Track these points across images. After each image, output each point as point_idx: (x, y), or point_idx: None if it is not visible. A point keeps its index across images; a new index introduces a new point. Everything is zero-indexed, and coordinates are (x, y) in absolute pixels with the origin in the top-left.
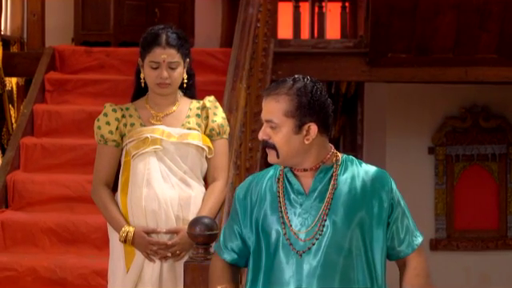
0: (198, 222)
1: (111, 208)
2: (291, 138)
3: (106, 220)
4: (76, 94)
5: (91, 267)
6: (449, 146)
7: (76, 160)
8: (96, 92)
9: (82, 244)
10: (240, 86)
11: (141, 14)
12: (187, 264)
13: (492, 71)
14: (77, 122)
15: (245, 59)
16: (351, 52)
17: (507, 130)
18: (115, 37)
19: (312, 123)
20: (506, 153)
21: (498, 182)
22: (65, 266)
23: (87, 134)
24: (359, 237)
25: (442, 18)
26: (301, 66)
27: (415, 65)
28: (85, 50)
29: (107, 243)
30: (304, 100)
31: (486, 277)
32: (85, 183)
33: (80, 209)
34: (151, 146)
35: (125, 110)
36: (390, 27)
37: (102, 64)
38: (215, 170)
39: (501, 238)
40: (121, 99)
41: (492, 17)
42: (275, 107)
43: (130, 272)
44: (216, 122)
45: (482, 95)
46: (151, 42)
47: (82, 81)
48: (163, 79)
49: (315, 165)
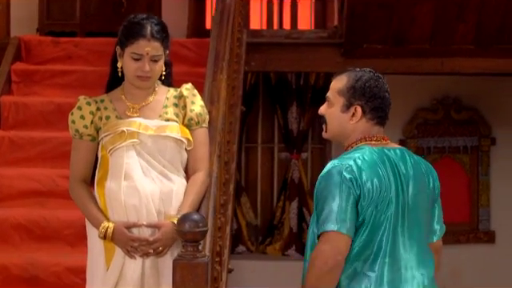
0: (188, 219)
1: (89, 205)
2: (339, 116)
3: (85, 217)
4: (44, 85)
5: (64, 264)
6: (420, 138)
7: (45, 153)
8: (64, 83)
9: (54, 240)
10: (221, 77)
11: (107, 4)
12: (176, 262)
13: (468, 62)
14: (45, 113)
15: (224, 50)
16: (325, 43)
17: (479, 123)
18: (81, 27)
19: (358, 106)
20: (478, 145)
21: (469, 174)
22: (37, 264)
23: (56, 126)
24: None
25: (420, 8)
26: (274, 57)
27: (391, 56)
28: (52, 40)
29: (80, 239)
30: (358, 85)
31: (457, 270)
32: (55, 177)
33: (51, 204)
34: (128, 139)
35: (99, 102)
36: (366, 17)
37: (70, 55)
38: (195, 161)
39: (472, 231)
40: (90, 90)
41: (470, 7)
42: (334, 85)
43: (110, 270)
44: (194, 111)
45: (454, 87)
46: (135, 32)
47: (49, 72)
48: (145, 72)
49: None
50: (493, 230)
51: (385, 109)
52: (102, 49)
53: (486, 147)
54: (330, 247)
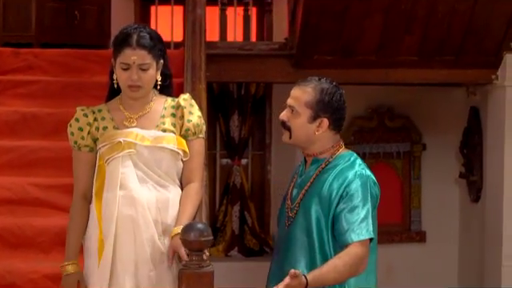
0: (192, 228)
1: (72, 234)
2: (305, 126)
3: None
4: (6, 95)
5: (41, 272)
6: (356, 144)
7: (13, 162)
8: (27, 93)
9: (28, 248)
10: (200, 87)
11: (61, 16)
12: (182, 272)
13: (411, 73)
14: (11, 123)
15: (200, 60)
16: (278, 54)
17: (411, 130)
18: (37, 38)
19: (325, 118)
20: (410, 151)
21: (402, 178)
22: (14, 271)
23: (22, 135)
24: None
25: (370, 20)
26: (229, 68)
27: (339, 67)
28: (12, 51)
29: (54, 246)
30: (325, 98)
31: (390, 267)
32: (26, 185)
33: (22, 212)
34: (125, 150)
35: (97, 112)
36: (318, 29)
37: (30, 65)
38: (191, 172)
39: (404, 231)
40: (52, 100)
41: (417, 21)
42: (300, 96)
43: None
44: (192, 121)
45: (388, 96)
46: (121, 42)
47: (11, 82)
48: (133, 81)
49: (314, 153)
50: (424, 231)
51: (344, 118)
52: (61, 59)
53: (418, 152)
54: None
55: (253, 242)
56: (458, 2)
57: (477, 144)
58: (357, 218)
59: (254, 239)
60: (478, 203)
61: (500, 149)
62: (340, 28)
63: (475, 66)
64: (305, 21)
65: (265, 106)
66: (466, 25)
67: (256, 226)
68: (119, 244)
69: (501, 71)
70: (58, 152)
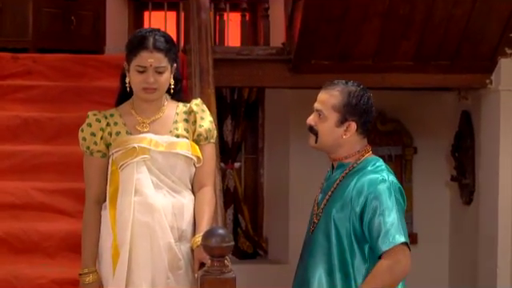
0: (214, 234)
1: (89, 240)
2: (333, 130)
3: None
4: (6, 100)
5: (49, 277)
6: None
7: (15, 167)
8: (27, 98)
9: (33, 253)
10: (209, 92)
11: (58, 22)
12: (204, 278)
13: (407, 77)
14: (12, 128)
15: (208, 64)
16: (275, 59)
17: (402, 133)
18: (33, 44)
19: (353, 122)
20: (401, 154)
21: None
22: (21, 277)
23: (24, 140)
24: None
25: (368, 25)
26: (226, 73)
27: (336, 71)
28: (11, 56)
29: (60, 251)
30: (352, 101)
31: None
32: (30, 190)
33: (27, 217)
34: (139, 155)
35: (109, 117)
36: (316, 34)
37: (29, 70)
38: (203, 177)
39: None
40: (52, 105)
41: (414, 25)
42: (327, 100)
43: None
44: (203, 126)
45: (380, 100)
46: (138, 45)
47: (11, 87)
48: (149, 84)
49: (340, 158)
50: (415, 233)
51: (372, 122)
52: (60, 64)
53: (409, 156)
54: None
55: (246, 244)
56: (455, 7)
57: (469, 147)
58: (388, 223)
59: (248, 242)
60: (470, 205)
61: (494, 152)
62: (338, 33)
63: (470, 71)
64: (303, 26)
65: (257, 111)
66: (462, 30)
67: (249, 229)
68: (135, 251)
69: (495, 76)
70: (61, 157)
